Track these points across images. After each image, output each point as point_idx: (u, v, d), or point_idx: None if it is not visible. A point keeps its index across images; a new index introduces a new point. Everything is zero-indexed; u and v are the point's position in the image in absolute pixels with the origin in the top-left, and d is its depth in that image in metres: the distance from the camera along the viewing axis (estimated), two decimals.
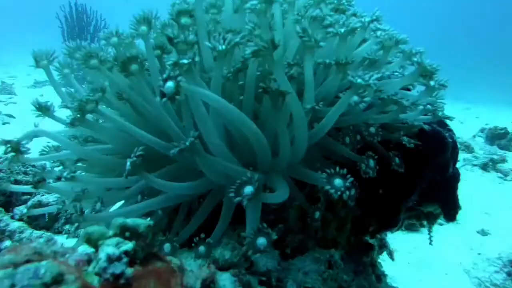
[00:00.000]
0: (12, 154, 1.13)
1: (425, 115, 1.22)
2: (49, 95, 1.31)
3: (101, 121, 1.20)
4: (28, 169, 2.50)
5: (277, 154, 1.07)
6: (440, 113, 1.15)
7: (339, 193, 0.92)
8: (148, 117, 1.14)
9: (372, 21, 1.18)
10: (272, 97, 0.95)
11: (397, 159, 1.23)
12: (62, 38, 10.05)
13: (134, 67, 1.02)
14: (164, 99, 0.83)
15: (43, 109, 1.13)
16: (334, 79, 1.11)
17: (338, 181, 0.93)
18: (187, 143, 0.91)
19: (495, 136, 6.70)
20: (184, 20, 1.03)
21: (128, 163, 0.94)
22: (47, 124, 1.25)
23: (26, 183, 2.18)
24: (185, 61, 0.93)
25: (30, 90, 8.66)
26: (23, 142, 1.16)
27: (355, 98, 1.02)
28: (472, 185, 4.17)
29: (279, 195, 1.00)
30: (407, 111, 1.18)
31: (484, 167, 5.16)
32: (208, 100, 0.94)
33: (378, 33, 1.13)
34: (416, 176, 1.30)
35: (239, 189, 0.88)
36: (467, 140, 5.99)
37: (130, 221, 0.82)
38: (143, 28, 1.11)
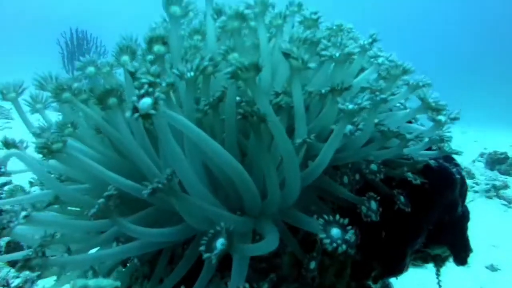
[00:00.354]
0: None
1: (430, 148, 1.12)
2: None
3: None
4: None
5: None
6: (447, 148, 1.05)
7: (334, 245, 0.79)
8: (127, 155, 1.03)
9: (371, 42, 1.09)
10: (252, 124, 0.85)
11: (402, 198, 1.11)
12: (62, 63, 10.15)
13: (112, 100, 0.93)
14: (136, 114, 0.71)
15: (10, 146, 1.02)
16: (330, 109, 1.01)
17: (335, 231, 0.81)
18: (161, 183, 0.79)
19: (495, 161, 6.62)
20: (157, 48, 0.94)
21: (95, 208, 0.82)
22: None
23: None
24: (164, 83, 0.83)
25: (28, 115, 8.60)
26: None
27: (349, 127, 0.92)
28: (475, 214, 4.00)
29: (267, 245, 0.88)
30: (411, 145, 1.08)
31: (487, 194, 5.03)
32: (186, 131, 0.83)
33: (380, 59, 1.03)
34: (422, 216, 1.18)
35: (211, 242, 0.75)
36: (467, 166, 5.89)
37: (92, 283, 0.69)
38: (124, 58, 1.02)
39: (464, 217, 1.32)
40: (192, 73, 0.79)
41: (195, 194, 0.89)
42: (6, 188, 2.66)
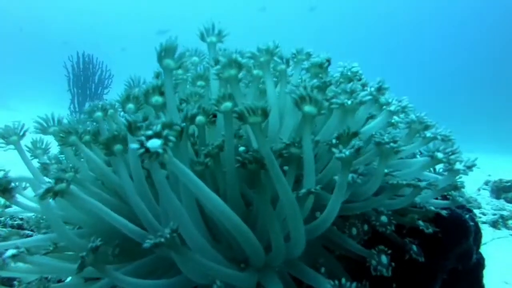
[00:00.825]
0: None
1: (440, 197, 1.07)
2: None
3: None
4: (15, 222, 2.38)
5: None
6: (459, 198, 1.00)
7: None
8: (126, 201, 0.99)
9: (379, 89, 1.06)
10: (252, 173, 0.81)
11: (414, 247, 1.06)
12: (68, 87, 10.29)
13: (117, 147, 0.90)
14: (142, 150, 0.68)
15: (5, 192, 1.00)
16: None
17: None
18: (163, 237, 0.75)
19: (501, 189, 6.49)
20: (155, 99, 0.92)
21: (78, 262, 0.78)
22: None
23: None
24: (178, 127, 0.80)
25: (32, 135, 8.64)
26: None
27: (351, 175, 0.87)
28: (484, 247, 3.88)
29: None
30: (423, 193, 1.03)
31: (494, 224, 4.90)
32: (187, 182, 0.79)
33: (392, 107, 1.00)
34: (436, 265, 1.12)
35: None
36: (472, 195, 5.78)
37: None
38: (130, 106, 1.01)
39: (480, 264, 1.25)
40: (182, 123, 0.77)
41: (196, 247, 0.84)
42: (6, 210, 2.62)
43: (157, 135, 0.70)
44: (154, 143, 0.69)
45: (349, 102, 0.91)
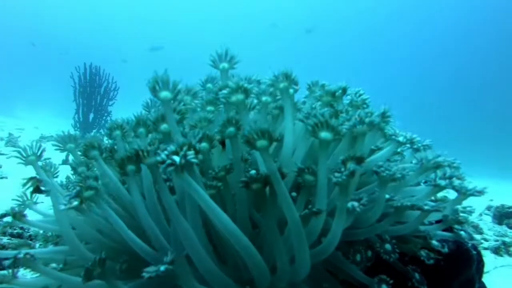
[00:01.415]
0: None
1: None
2: (52, 151, 1.24)
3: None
4: (15, 231, 2.39)
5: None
6: (462, 233, 1.02)
7: None
8: (136, 218, 1.02)
9: (384, 116, 1.09)
10: (257, 193, 0.83)
11: (417, 275, 1.07)
12: (73, 97, 10.42)
13: (130, 168, 0.93)
14: (163, 166, 0.71)
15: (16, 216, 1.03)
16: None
17: None
18: (162, 268, 0.77)
19: (504, 215, 6.44)
20: (163, 127, 0.97)
21: (86, 272, 0.79)
22: None
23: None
24: (197, 145, 0.82)
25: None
26: None
27: (352, 204, 0.88)
28: (487, 275, 3.81)
29: None
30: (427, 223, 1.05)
31: (496, 251, 4.83)
32: (201, 202, 0.82)
33: (400, 138, 1.04)
34: None
35: None
36: (474, 220, 5.73)
37: None
38: (141, 130, 1.05)
39: None
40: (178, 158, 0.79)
41: (204, 269, 0.86)
42: (4, 219, 2.62)
43: (176, 153, 0.74)
44: (177, 158, 0.74)
45: (359, 126, 0.95)
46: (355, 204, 0.90)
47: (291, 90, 1.09)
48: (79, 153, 1.10)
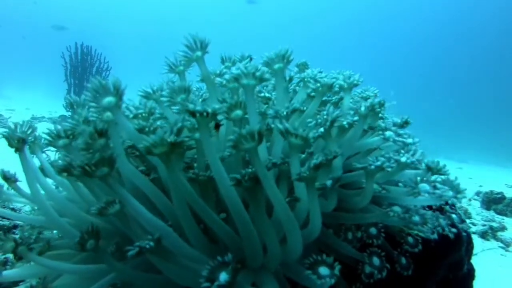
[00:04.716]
0: None
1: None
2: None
3: None
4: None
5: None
6: (454, 215, 1.01)
7: None
8: None
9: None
10: (248, 190, 0.78)
11: (403, 259, 1.06)
12: (64, 77, 10.20)
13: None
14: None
15: (9, 181, 0.99)
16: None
17: (323, 270, 0.77)
18: (149, 245, 0.75)
19: (492, 201, 6.58)
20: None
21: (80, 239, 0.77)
22: None
23: None
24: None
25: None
26: None
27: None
28: (474, 258, 3.92)
29: None
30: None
31: (484, 235, 4.96)
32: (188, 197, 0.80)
33: (387, 133, 1.02)
34: (426, 275, 1.14)
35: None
36: (463, 205, 5.85)
37: None
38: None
39: (470, 275, 1.27)
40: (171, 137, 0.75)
41: (198, 245, 0.85)
42: None
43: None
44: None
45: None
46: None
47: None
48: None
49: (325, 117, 0.90)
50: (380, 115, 1.09)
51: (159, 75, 1.21)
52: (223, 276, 0.74)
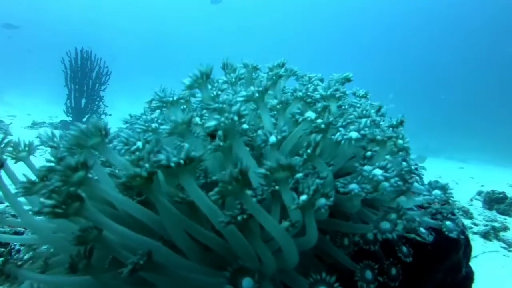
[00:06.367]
0: None
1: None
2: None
3: None
4: None
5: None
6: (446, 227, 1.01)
7: None
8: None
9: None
10: (240, 225, 0.79)
11: (404, 248, 1.05)
12: (65, 82, 10.23)
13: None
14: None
15: None
16: None
17: None
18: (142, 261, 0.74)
19: (494, 200, 6.55)
20: None
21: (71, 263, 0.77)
22: None
23: None
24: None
25: (27, 130, 8.57)
26: None
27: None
28: (475, 260, 3.89)
29: None
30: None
31: (486, 235, 4.93)
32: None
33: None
34: (424, 279, 1.13)
35: None
36: (464, 205, 5.83)
37: None
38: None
39: (468, 278, 1.27)
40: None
41: (192, 256, 0.84)
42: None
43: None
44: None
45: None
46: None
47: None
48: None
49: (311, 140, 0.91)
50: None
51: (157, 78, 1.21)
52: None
